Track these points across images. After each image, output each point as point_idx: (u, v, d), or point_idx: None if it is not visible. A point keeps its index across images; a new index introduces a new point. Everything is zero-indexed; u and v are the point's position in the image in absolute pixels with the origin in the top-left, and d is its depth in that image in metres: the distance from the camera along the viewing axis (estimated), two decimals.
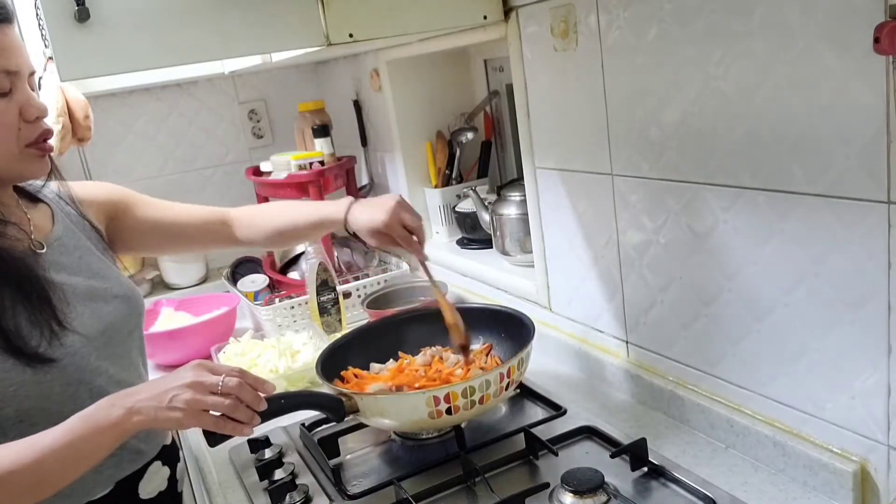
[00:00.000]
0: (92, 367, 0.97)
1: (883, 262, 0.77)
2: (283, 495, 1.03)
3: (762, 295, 0.92)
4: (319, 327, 1.59)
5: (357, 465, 1.11)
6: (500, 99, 1.83)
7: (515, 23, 1.26)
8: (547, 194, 1.31)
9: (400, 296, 1.67)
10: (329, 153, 1.91)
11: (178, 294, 2.08)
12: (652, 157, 1.04)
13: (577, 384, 1.28)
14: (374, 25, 1.15)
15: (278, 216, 1.25)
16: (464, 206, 1.77)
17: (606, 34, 1.06)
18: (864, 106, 0.75)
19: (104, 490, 0.98)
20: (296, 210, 1.25)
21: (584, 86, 1.14)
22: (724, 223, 0.95)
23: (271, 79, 2.29)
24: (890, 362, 0.79)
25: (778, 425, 0.95)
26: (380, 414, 1.05)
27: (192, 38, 1.03)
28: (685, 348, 1.08)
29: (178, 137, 2.21)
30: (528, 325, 1.17)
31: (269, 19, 1.07)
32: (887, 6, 0.70)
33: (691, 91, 0.95)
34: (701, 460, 1.00)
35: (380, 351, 1.29)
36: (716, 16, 0.88)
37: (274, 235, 1.25)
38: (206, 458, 1.22)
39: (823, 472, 0.88)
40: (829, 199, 0.81)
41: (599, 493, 0.91)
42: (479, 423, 1.16)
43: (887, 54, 0.70)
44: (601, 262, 1.21)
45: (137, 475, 1.02)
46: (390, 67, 1.82)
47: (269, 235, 1.25)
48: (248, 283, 1.88)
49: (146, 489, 1.03)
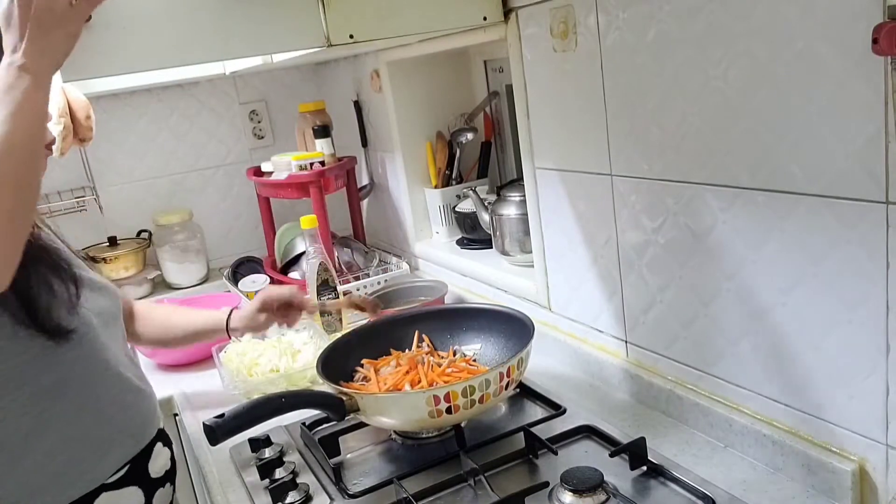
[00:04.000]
0: (101, 343, 1.04)
1: (881, 262, 0.77)
2: (284, 494, 1.03)
3: (761, 295, 0.93)
4: (320, 327, 1.60)
5: (357, 463, 1.11)
6: (500, 99, 1.83)
7: (515, 24, 1.26)
8: (546, 194, 1.31)
9: (400, 296, 1.68)
10: (329, 153, 1.91)
11: (180, 294, 2.09)
12: (651, 157, 1.05)
13: (576, 384, 1.28)
14: (375, 26, 1.15)
15: (166, 321, 1.38)
16: (464, 207, 1.78)
17: (606, 35, 1.07)
18: (863, 106, 0.75)
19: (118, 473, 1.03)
20: (184, 317, 1.41)
21: (584, 86, 1.14)
22: (723, 223, 0.96)
23: (272, 80, 2.29)
24: (888, 362, 0.80)
25: (777, 425, 0.95)
26: (380, 413, 1.06)
27: (193, 39, 1.03)
28: (684, 348, 1.08)
29: (179, 138, 2.21)
30: (527, 325, 1.17)
31: (270, 20, 1.07)
32: (886, 7, 0.70)
33: (690, 91, 0.95)
34: (700, 459, 1.01)
35: (380, 351, 1.29)
36: (715, 16, 0.89)
37: (160, 339, 1.38)
38: (207, 456, 1.22)
39: (822, 472, 0.88)
40: (827, 199, 0.81)
41: (599, 492, 0.91)
42: (479, 423, 1.16)
43: (886, 55, 0.71)
44: (601, 262, 1.21)
45: (145, 455, 1.07)
46: (390, 68, 1.83)
47: (156, 338, 1.37)
48: (249, 282, 1.88)
49: (154, 468, 1.08)
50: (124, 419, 1.05)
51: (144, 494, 1.06)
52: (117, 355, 1.07)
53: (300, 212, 2.11)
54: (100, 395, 1.02)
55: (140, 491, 1.06)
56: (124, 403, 1.06)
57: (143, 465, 1.07)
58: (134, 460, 1.05)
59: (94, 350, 1.02)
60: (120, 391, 1.06)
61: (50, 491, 0.97)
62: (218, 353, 1.51)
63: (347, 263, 1.94)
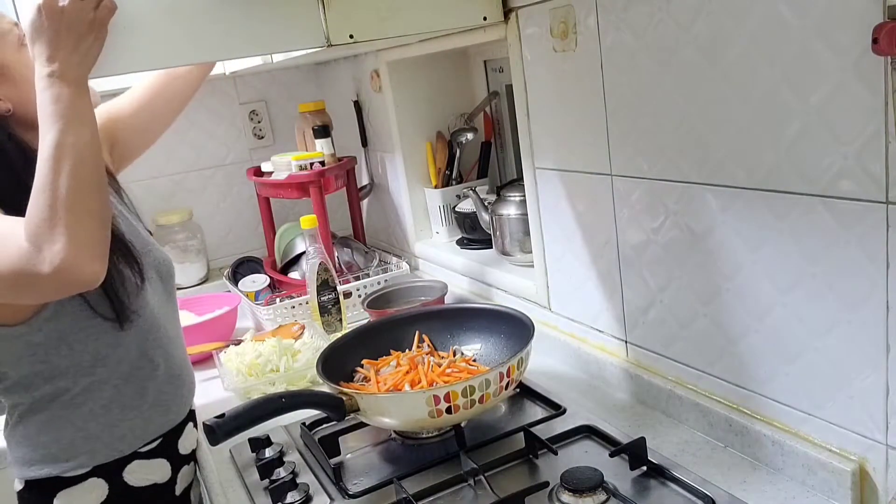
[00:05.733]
0: (158, 322, 1.15)
1: (881, 262, 0.77)
2: (284, 494, 1.03)
3: (761, 294, 0.93)
4: (320, 327, 1.60)
5: (357, 463, 1.11)
6: (500, 99, 1.83)
7: (515, 24, 1.26)
8: (546, 195, 1.31)
9: (400, 296, 1.68)
10: (329, 153, 1.91)
11: (180, 294, 2.08)
12: (651, 157, 1.05)
13: (576, 384, 1.28)
14: (375, 26, 1.15)
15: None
16: (464, 207, 1.77)
17: (606, 35, 1.07)
18: (863, 106, 0.75)
19: (152, 444, 1.16)
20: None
21: (584, 86, 1.14)
22: (722, 223, 0.96)
23: (272, 80, 2.29)
24: (888, 362, 0.80)
25: (776, 424, 0.95)
26: (380, 413, 1.06)
27: (193, 39, 1.03)
28: (684, 348, 1.08)
29: (178, 138, 2.21)
30: (527, 325, 1.17)
31: (270, 20, 1.07)
32: (886, 7, 0.71)
33: (690, 91, 0.95)
34: (700, 459, 1.01)
35: (380, 351, 1.29)
36: (714, 16, 0.89)
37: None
38: (207, 456, 1.22)
39: (822, 472, 0.88)
40: (827, 199, 0.81)
41: (599, 492, 0.91)
42: (479, 423, 1.16)
43: (886, 55, 0.71)
44: (600, 261, 1.22)
45: (177, 432, 1.19)
46: (390, 68, 1.83)
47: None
48: (249, 282, 1.89)
49: (184, 445, 1.21)
50: (166, 394, 1.16)
51: (171, 468, 1.17)
52: (169, 333, 1.18)
53: (300, 212, 2.12)
54: (148, 370, 1.14)
55: (168, 465, 1.17)
56: (168, 379, 1.17)
57: (174, 441, 1.19)
58: (167, 435, 1.17)
59: (150, 328, 1.13)
60: (166, 368, 1.17)
61: (98, 442, 1.10)
62: (218, 353, 1.51)
63: (347, 263, 1.94)
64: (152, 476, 1.16)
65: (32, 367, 1.05)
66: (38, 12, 0.89)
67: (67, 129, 0.90)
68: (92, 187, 0.92)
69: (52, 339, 1.04)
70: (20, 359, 1.04)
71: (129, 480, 1.13)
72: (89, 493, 1.10)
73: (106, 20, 0.93)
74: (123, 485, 1.12)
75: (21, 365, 1.05)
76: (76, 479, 1.09)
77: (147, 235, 1.22)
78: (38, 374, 1.06)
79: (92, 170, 0.92)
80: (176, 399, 1.19)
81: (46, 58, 0.90)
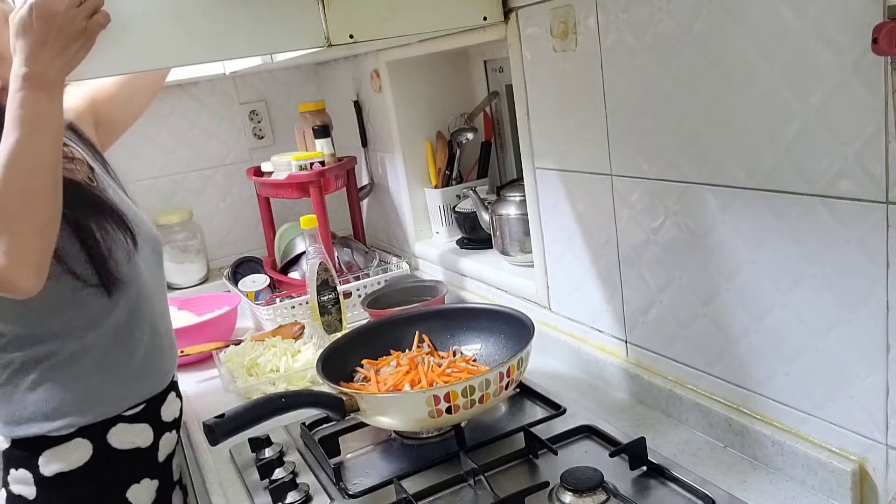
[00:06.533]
0: (146, 291, 1.17)
1: (881, 262, 0.77)
2: (284, 494, 1.03)
3: (761, 294, 0.93)
4: (320, 327, 1.60)
5: (357, 463, 1.11)
6: (500, 99, 1.83)
7: (515, 24, 1.26)
8: (546, 195, 1.31)
9: (400, 296, 1.68)
10: (329, 153, 1.91)
11: (180, 294, 2.09)
12: (651, 157, 1.05)
13: (576, 384, 1.28)
14: (375, 26, 1.15)
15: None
16: (464, 207, 1.78)
17: (605, 35, 1.07)
18: (863, 106, 0.75)
19: (135, 409, 1.17)
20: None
21: (584, 86, 1.14)
22: (722, 223, 0.96)
23: (272, 80, 2.29)
24: (888, 362, 0.80)
25: (776, 424, 0.95)
26: (380, 413, 1.06)
27: (193, 39, 1.03)
28: (684, 348, 1.08)
29: (178, 138, 2.21)
30: (527, 325, 1.17)
31: (270, 20, 1.07)
32: (886, 7, 0.71)
33: (690, 91, 0.95)
34: (700, 459, 1.01)
35: (380, 351, 1.29)
36: (714, 16, 0.89)
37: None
38: (207, 456, 1.22)
39: (822, 472, 0.88)
40: (827, 199, 0.81)
41: (599, 492, 0.91)
42: (479, 423, 1.16)
43: (886, 55, 0.71)
44: (600, 261, 1.22)
45: (160, 399, 1.22)
46: (390, 68, 1.83)
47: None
48: (249, 282, 1.89)
49: (166, 412, 1.23)
50: (151, 362, 1.19)
51: (154, 434, 1.20)
52: (156, 304, 1.21)
53: (300, 212, 2.12)
54: (137, 336, 1.16)
55: (150, 430, 1.19)
56: (154, 347, 1.20)
57: (157, 408, 1.21)
58: (150, 401, 1.19)
59: (140, 297, 1.16)
60: (153, 336, 1.20)
61: (85, 404, 1.11)
62: (218, 353, 1.51)
63: (347, 263, 1.94)
64: (135, 440, 1.17)
65: (26, 329, 1.07)
66: (29, 11, 0.89)
67: (30, 137, 0.90)
68: (41, 201, 0.92)
69: (48, 303, 1.05)
70: (15, 319, 1.07)
71: (113, 443, 1.15)
72: (74, 452, 1.12)
73: (96, 32, 0.93)
74: (107, 446, 1.14)
75: (16, 325, 1.07)
76: (62, 439, 1.11)
77: (137, 210, 1.23)
78: (31, 335, 1.08)
79: (45, 181, 0.92)
80: (161, 367, 1.22)
81: (28, 56, 0.90)
